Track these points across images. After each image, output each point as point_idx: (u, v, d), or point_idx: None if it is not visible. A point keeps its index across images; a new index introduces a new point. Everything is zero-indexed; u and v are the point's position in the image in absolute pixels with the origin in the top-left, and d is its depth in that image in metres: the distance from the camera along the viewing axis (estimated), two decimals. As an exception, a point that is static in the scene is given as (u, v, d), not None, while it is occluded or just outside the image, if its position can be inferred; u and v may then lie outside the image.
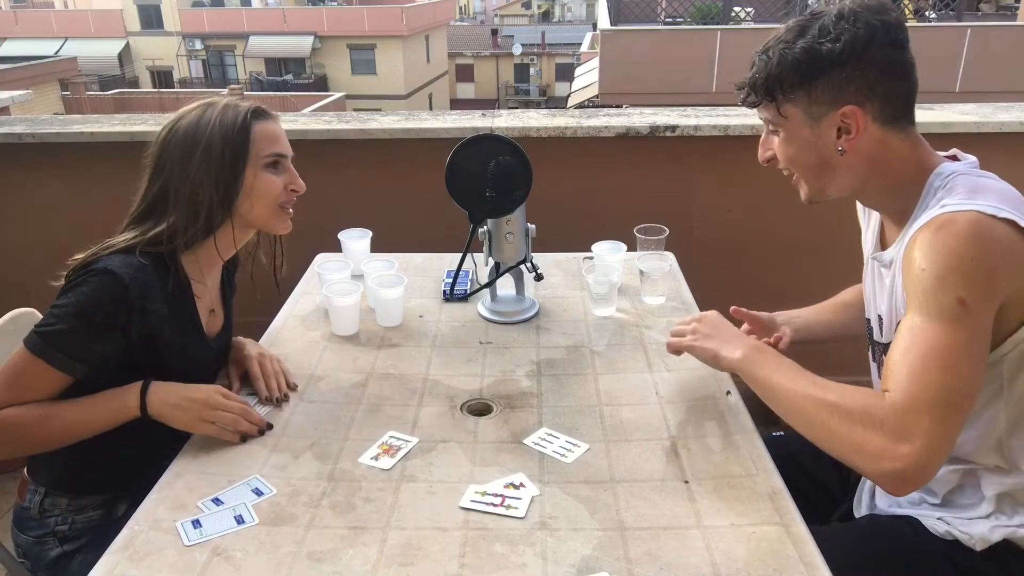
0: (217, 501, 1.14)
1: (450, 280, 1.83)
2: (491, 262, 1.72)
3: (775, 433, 1.25)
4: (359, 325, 1.68)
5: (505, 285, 1.77)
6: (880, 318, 1.31)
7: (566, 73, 30.54)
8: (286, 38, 28.10)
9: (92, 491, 1.40)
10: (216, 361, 1.49)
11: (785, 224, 2.72)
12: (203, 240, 1.36)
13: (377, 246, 1.95)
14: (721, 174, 2.69)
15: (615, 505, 1.14)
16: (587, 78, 12.99)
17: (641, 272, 1.77)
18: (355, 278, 1.77)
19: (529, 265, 1.72)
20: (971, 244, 1.04)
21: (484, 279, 1.77)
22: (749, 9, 9.92)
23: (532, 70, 35.90)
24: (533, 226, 1.70)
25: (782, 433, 1.39)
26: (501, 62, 36.10)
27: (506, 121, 2.68)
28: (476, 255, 1.83)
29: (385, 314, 1.70)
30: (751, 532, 1.08)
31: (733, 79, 1.25)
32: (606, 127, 2.61)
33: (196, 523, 1.10)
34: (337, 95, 23.44)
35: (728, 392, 1.41)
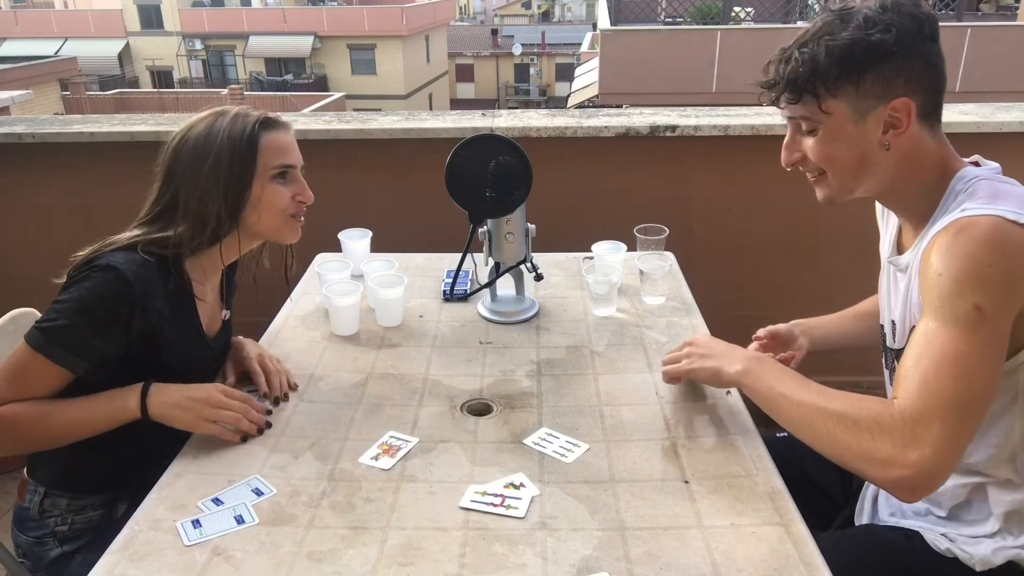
0: (217, 501, 1.15)
1: (450, 280, 1.83)
2: (491, 262, 1.72)
3: (778, 435, 1.24)
4: (359, 325, 1.68)
5: (505, 285, 1.77)
6: (894, 323, 1.27)
7: (566, 73, 30.54)
8: (286, 38, 28.10)
9: (92, 491, 1.40)
10: (215, 361, 1.49)
11: (785, 224, 2.72)
12: (208, 248, 1.36)
13: (377, 246, 1.95)
14: (721, 174, 2.69)
15: (615, 505, 1.14)
16: (587, 78, 12.98)
17: (641, 272, 1.77)
18: (355, 278, 1.77)
19: (529, 265, 1.72)
20: (991, 249, 1.01)
21: (484, 279, 1.77)
22: (749, 9, 9.91)
23: (532, 70, 35.89)
24: (533, 226, 1.70)
25: (784, 435, 1.39)
26: (501, 62, 36.09)
27: (506, 121, 2.68)
28: (476, 255, 1.83)
29: (385, 314, 1.70)
30: (751, 532, 1.08)
31: (733, 79, 1.24)
32: (606, 127, 2.61)
33: (196, 523, 1.10)
34: (337, 95, 23.41)
35: (728, 392, 1.41)
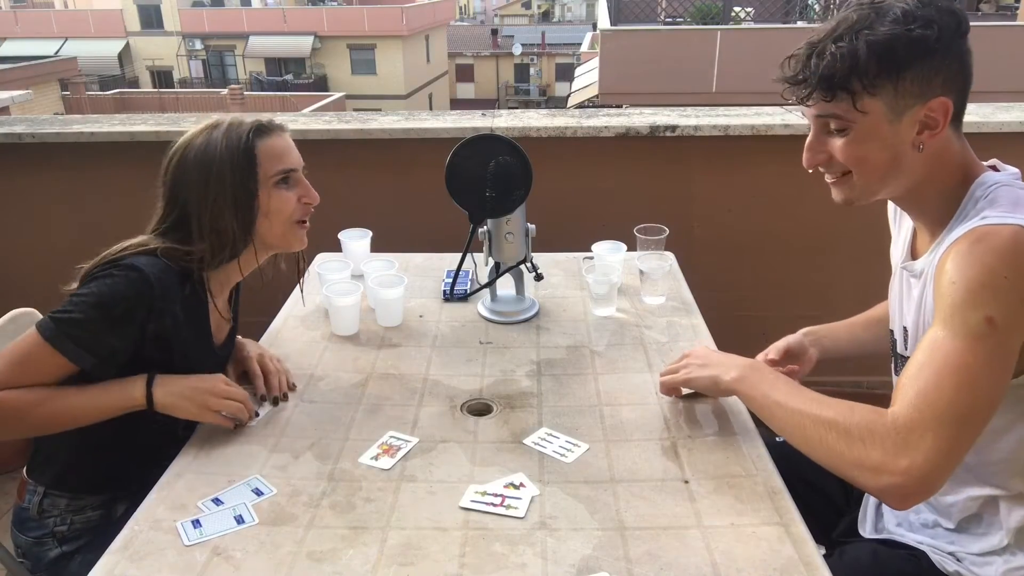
0: (217, 501, 1.15)
1: (450, 280, 1.83)
2: (491, 262, 1.72)
3: (777, 439, 1.24)
4: (359, 325, 1.68)
5: (505, 285, 1.77)
6: (905, 330, 1.24)
7: (566, 73, 30.54)
8: (286, 38, 28.09)
9: (91, 491, 1.40)
10: (219, 368, 1.49)
11: (785, 224, 2.72)
12: (228, 263, 1.38)
13: (377, 246, 1.95)
14: (721, 174, 2.69)
15: (615, 505, 1.14)
16: (587, 78, 12.97)
17: (641, 272, 1.77)
18: (355, 278, 1.77)
19: (529, 265, 1.72)
20: (1008, 260, 0.97)
21: (484, 279, 1.77)
22: (749, 9, 9.90)
23: (532, 70, 35.89)
24: (533, 226, 1.70)
25: (783, 439, 1.38)
26: (501, 62, 36.09)
27: (506, 121, 2.68)
28: (476, 255, 1.83)
29: (385, 314, 1.70)
30: (751, 532, 1.08)
31: (733, 79, 1.21)
32: (606, 127, 2.61)
33: (196, 523, 1.10)
34: (337, 95, 23.43)
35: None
